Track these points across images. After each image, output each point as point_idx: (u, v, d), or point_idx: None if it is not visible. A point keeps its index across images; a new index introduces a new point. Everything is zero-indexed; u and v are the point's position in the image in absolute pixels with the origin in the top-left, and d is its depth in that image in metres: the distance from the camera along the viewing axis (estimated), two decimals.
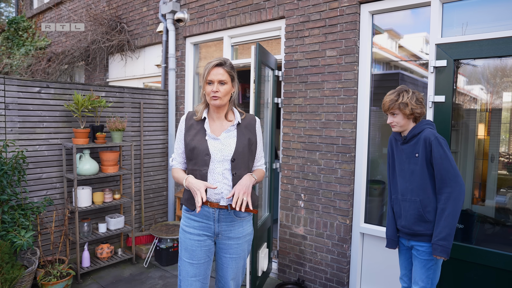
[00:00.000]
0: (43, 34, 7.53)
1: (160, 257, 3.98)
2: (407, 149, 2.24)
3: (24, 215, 3.19)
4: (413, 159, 2.20)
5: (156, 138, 4.58)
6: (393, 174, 2.37)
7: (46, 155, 3.58)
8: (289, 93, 3.54)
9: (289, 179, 3.56)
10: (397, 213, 2.34)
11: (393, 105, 2.20)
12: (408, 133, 2.23)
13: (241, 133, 2.06)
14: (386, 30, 3.22)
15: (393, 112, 2.22)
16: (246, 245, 2.17)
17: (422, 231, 2.18)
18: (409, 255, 2.37)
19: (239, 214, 2.08)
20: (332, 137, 3.27)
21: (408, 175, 2.23)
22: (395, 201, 2.35)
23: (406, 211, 2.24)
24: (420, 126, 2.21)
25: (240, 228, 2.10)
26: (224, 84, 1.99)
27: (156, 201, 4.65)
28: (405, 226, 2.26)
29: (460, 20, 2.78)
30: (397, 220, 2.35)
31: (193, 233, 2.07)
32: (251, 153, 2.09)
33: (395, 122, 2.23)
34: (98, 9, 5.87)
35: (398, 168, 2.31)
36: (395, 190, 2.35)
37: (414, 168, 2.20)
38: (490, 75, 2.81)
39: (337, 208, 3.26)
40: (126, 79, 5.60)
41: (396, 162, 2.32)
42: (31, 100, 3.47)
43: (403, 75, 3.28)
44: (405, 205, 2.25)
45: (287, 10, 3.51)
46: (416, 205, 2.19)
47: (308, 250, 3.46)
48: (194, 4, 4.40)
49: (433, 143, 2.11)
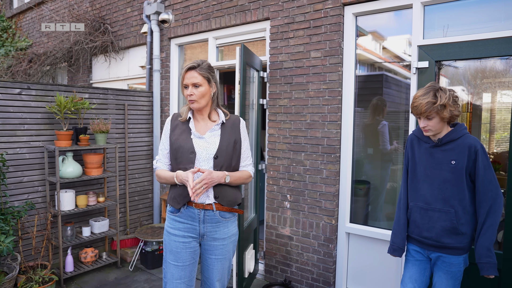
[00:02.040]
0: (23, 35, 7.37)
1: (146, 260, 3.94)
2: (440, 153, 2.04)
3: (4, 220, 3.11)
4: (447, 165, 2.01)
5: (141, 140, 4.53)
6: (413, 178, 2.15)
7: (27, 158, 3.51)
8: (274, 94, 3.54)
9: (274, 180, 3.57)
10: (416, 222, 2.12)
11: (430, 109, 1.94)
12: (445, 137, 2.03)
13: (225, 132, 2.08)
14: (370, 32, 3.26)
15: (429, 116, 1.98)
16: (231, 246, 2.17)
17: (453, 244, 2.02)
18: (425, 266, 2.16)
19: (224, 215, 2.08)
20: (317, 138, 3.29)
21: (438, 183, 2.04)
22: (414, 209, 2.13)
23: (434, 222, 2.05)
24: (459, 130, 2.02)
25: (225, 229, 2.11)
26: (198, 86, 2.00)
27: (142, 204, 4.60)
28: (429, 237, 2.07)
29: (441, 22, 2.83)
30: (414, 229, 2.14)
31: (178, 235, 2.06)
32: (235, 152, 2.10)
33: (430, 126, 2.00)
34: (81, 9, 5.79)
35: (422, 173, 2.10)
36: (415, 196, 2.13)
37: (448, 176, 2.01)
38: (470, 76, 2.88)
39: (323, 208, 3.28)
40: (110, 80, 5.52)
41: (419, 166, 2.11)
42: (11, 102, 3.39)
43: (387, 77, 3.33)
44: (433, 215, 2.05)
45: (272, 11, 3.52)
46: (450, 216, 2.00)
47: (295, 250, 3.47)
48: (179, 5, 4.37)
49: (479, 153, 1.95)
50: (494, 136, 2.89)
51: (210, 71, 2.05)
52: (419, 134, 2.15)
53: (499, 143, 2.88)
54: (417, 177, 2.12)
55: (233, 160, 2.10)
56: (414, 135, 2.19)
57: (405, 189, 2.22)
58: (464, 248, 2.04)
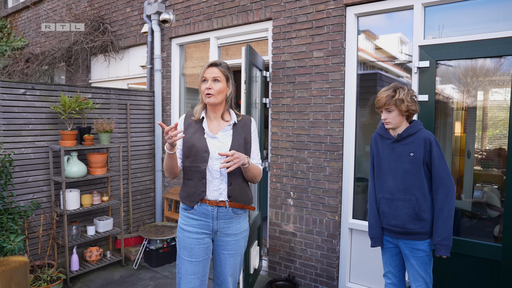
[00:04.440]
0: (19, 34, 7.33)
1: (150, 258, 3.98)
2: (400, 147, 2.23)
3: (12, 219, 3.13)
4: (407, 157, 2.20)
5: (143, 139, 4.56)
6: (378, 172, 2.34)
7: (32, 158, 3.53)
8: (277, 93, 3.61)
9: (278, 178, 3.63)
10: (384, 212, 2.30)
11: (389, 101, 2.17)
12: (404, 132, 2.22)
13: (237, 132, 2.13)
14: (363, 31, 3.32)
15: (389, 108, 2.20)
16: (243, 241, 2.22)
17: (417, 229, 2.19)
18: (395, 252, 2.37)
19: (237, 211, 2.14)
20: (320, 136, 3.36)
21: (400, 174, 2.22)
22: (382, 200, 2.31)
23: (399, 210, 2.22)
24: (416, 126, 2.22)
25: (238, 225, 2.16)
26: (218, 81, 2.06)
27: (144, 203, 4.63)
28: (396, 225, 2.24)
29: (441, 22, 2.92)
30: (383, 219, 2.32)
31: (192, 231, 2.11)
32: (246, 151, 2.15)
33: (390, 119, 2.21)
34: (79, 9, 5.78)
35: (386, 166, 2.29)
36: (381, 189, 2.32)
37: (408, 167, 2.19)
38: (463, 75, 2.97)
39: (326, 205, 3.35)
40: (109, 80, 5.54)
41: (383, 160, 2.30)
42: (16, 102, 3.41)
43: (381, 75, 3.41)
44: (397, 204, 2.23)
45: (274, 12, 3.58)
46: (412, 203, 2.18)
47: (298, 246, 3.54)
48: (180, 5, 4.41)
49: (433, 144, 2.15)
50: (486, 134, 2.98)
51: (229, 72, 2.13)
52: (381, 132, 2.35)
53: (491, 141, 2.98)
54: (382, 171, 2.31)
55: None
56: (377, 133, 2.39)
57: (372, 184, 2.40)
58: (427, 233, 2.21)
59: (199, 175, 2.07)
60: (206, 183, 2.07)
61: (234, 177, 2.09)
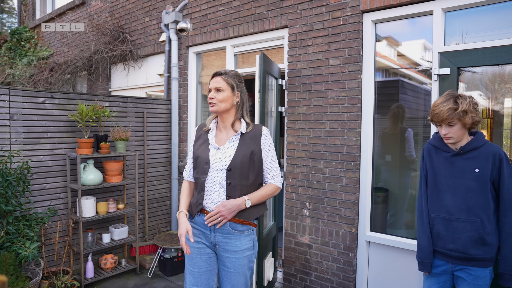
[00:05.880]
0: (45, 44, 7.57)
1: (164, 267, 3.96)
2: (461, 162, 1.99)
3: (29, 226, 3.18)
4: (470, 174, 1.96)
5: (159, 147, 4.58)
6: (433, 189, 2.09)
7: (50, 165, 3.58)
8: (293, 102, 3.55)
9: (293, 188, 3.56)
10: (439, 234, 2.05)
11: (452, 115, 1.92)
12: (467, 145, 1.99)
13: (243, 144, 2.04)
14: (385, 38, 3.24)
15: (451, 122, 1.95)
16: (245, 261, 2.07)
17: (480, 255, 1.95)
18: (443, 279, 2.11)
19: (236, 227, 2.03)
20: (337, 146, 3.27)
21: (461, 192, 1.98)
22: (436, 220, 2.06)
23: (459, 233, 1.98)
24: (481, 138, 1.99)
25: (238, 242, 2.04)
26: (220, 91, 2.04)
27: (160, 211, 4.63)
28: (455, 249, 2.00)
29: (462, 28, 2.80)
30: (437, 241, 2.07)
31: (194, 240, 2.09)
32: (254, 164, 2.04)
33: (452, 133, 1.97)
34: (100, 19, 5.91)
35: (443, 182, 2.04)
36: (437, 207, 2.07)
37: (471, 185, 1.96)
38: (490, 82, 2.83)
39: (343, 216, 3.25)
40: (128, 88, 5.62)
41: (440, 176, 2.06)
42: (36, 110, 3.48)
43: (403, 82, 3.30)
44: (457, 226, 1.99)
45: (290, 19, 3.54)
46: (475, 226, 1.94)
47: (314, 259, 3.44)
48: (197, 14, 4.43)
49: (503, 161, 1.92)
50: None
51: (236, 80, 2.07)
52: (436, 143, 2.11)
53: None
54: (438, 187, 2.07)
55: (252, 173, 2.04)
56: (430, 144, 2.15)
57: (425, 201, 2.14)
58: (492, 259, 1.99)
59: (199, 187, 2.07)
60: (204, 195, 2.04)
61: (234, 190, 2.01)
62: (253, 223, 2.08)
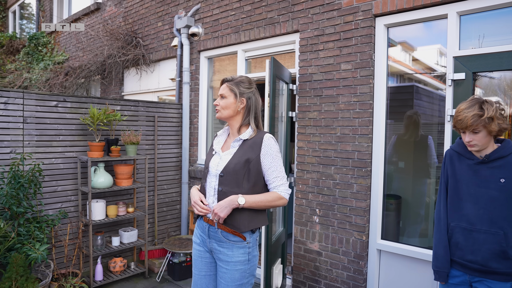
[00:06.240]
0: (61, 49, 7.71)
1: (173, 272, 3.94)
2: (486, 171, 1.90)
3: (39, 228, 3.21)
4: (495, 183, 1.87)
5: (170, 151, 4.59)
6: (453, 197, 2.00)
7: (61, 168, 3.62)
8: (304, 107, 3.51)
9: (303, 194, 3.51)
10: (458, 244, 1.97)
11: (476, 122, 1.82)
12: (493, 153, 1.89)
13: (241, 151, 2.00)
14: (400, 43, 3.19)
15: (475, 129, 1.85)
16: (236, 275, 1.97)
17: (502, 269, 1.85)
18: None
19: (228, 237, 1.97)
20: (348, 151, 3.22)
21: (484, 202, 1.89)
22: (456, 229, 1.97)
23: (480, 244, 1.89)
24: (509, 146, 1.89)
25: (230, 252, 1.98)
26: (224, 98, 2.07)
27: (170, 215, 4.63)
28: (475, 261, 1.91)
29: (478, 32, 2.73)
30: (456, 251, 1.98)
31: (196, 242, 2.15)
32: (249, 172, 1.96)
33: (476, 141, 1.87)
34: (114, 24, 5.99)
35: (465, 191, 1.95)
36: (457, 216, 1.98)
37: (495, 195, 1.86)
38: (509, 87, 2.74)
39: (353, 223, 3.19)
40: (141, 92, 5.66)
41: (462, 183, 1.97)
42: (48, 113, 3.52)
43: (418, 88, 3.23)
44: (478, 237, 1.90)
45: (301, 24, 3.51)
46: (498, 238, 1.85)
47: (323, 266, 3.38)
48: (209, 19, 4.45)
49: None
50: None
51: (240, 86, 2.05)
52: (460, 149, 2.01)
53: None
54: (459, 195, 1.98)
55: (246, 181, 1.96)
56: (453, 150, 2.05)
57: (444, 209, 2.06)
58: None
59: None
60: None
61: (224, 197, 1.95)
62: (242, 236, 1.96)
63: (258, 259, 2.09)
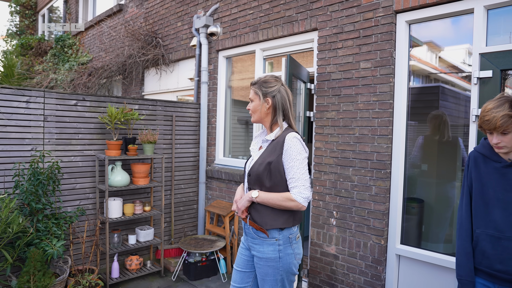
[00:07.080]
0: (85, 50, 7.89)
1: (188, 271, 3.93)
2: None
3: (57, 224, 3.26)
4: None
5: (187, 151, 4.59)
6: (478, 201, 1.89)
7: (80, 166, 3.67)
8: (322, 107, 3.43)
9: (320, 196, 3.42)
10: (485, 252, 1.85)
11: (507, 123, 1.70)
12: None
13: (267, 151, 2.06)
14: (426, 43, 3.06)
15: (506, 131, 1.73)
16: (270, 270, 2.00)
17: None
18: None
19: (258, 233, 2.04)
20: (366, 153, 3.11)
21: None
22: (482, 236, 1.85)
23: (509, 253, 1.77)
24: None
25: (261, 249, 2.03)
26: (251, 101, 2.13)
27: (186, 214, 4.63)
28: (504, 271, 1.78)
29: (507, 27, 2.58)
30: (482, 260, 1.87)
31: (241, 240, 2.23)
32: (270, 172, 1.97)
33: (505, 142, 1.75)
34: (135, 25, 6.07)
35: (492, 196, 1.83)
36: (483, 223, 1.86)
37: None
38: None
39: (371, 227, 3.08)
40: (160, 92, 5.71)
41: (488, 188, 1.85)
42: (68, 112, 3.58)
43: (444, 88, 3.09)
44: (508, 245, 1.77)
45: (320, 21, 3.43)
46: None
47: (340, 270, 3.28)
48: (227, 18, 4.42)
49: None
50: None
51: (262, 87, 2.08)
52: (485, 151, 1.88)
53: None
54: (485, 200, 1.85)
55: (267, 180, 1.98)
56: (478, 152, 1.92)
57: (467, 214, 1.93)
58: None
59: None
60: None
61: None
62: (264, 231, 1.98)
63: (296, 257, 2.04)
